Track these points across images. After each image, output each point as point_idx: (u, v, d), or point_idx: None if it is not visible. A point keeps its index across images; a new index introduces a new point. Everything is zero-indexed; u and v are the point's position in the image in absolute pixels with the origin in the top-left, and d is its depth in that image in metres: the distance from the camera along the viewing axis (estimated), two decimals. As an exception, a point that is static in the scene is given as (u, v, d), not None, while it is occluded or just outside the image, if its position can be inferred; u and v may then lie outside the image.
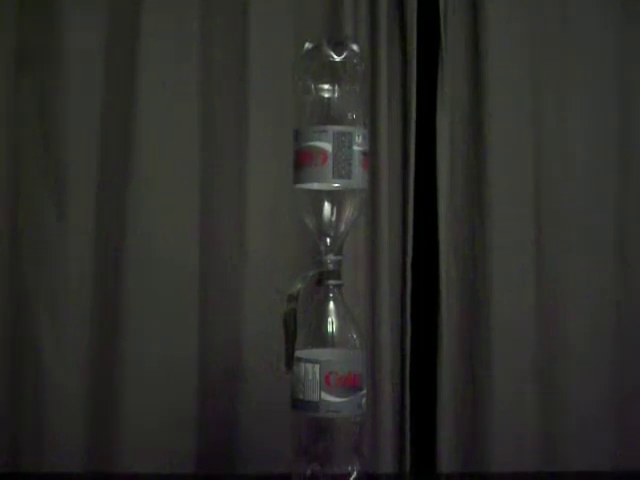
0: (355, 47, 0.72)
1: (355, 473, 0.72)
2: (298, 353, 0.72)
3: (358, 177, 0.70)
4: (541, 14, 1.44)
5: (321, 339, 0.73)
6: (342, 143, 0.69)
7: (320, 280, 0.73)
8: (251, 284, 1.39)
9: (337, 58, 0.71)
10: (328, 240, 0.73)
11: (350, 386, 0.70)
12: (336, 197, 0.71)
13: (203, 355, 1.40)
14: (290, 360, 0.74)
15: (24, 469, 1.35)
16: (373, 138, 1.37)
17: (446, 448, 1.40)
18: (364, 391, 0.73)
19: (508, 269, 1.41)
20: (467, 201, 1.43)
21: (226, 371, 1.39)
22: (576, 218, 1.44)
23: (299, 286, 0.74)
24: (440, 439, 1.41)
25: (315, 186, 0.70)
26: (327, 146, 0.69)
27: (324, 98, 0.71)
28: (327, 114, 0.70)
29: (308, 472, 0.71)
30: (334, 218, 0.72)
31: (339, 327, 0.73)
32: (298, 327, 0.75)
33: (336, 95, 0.71)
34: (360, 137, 0.70)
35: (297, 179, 0.71)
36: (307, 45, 0.71)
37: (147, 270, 1.38)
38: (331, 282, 0.73)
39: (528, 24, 1.44)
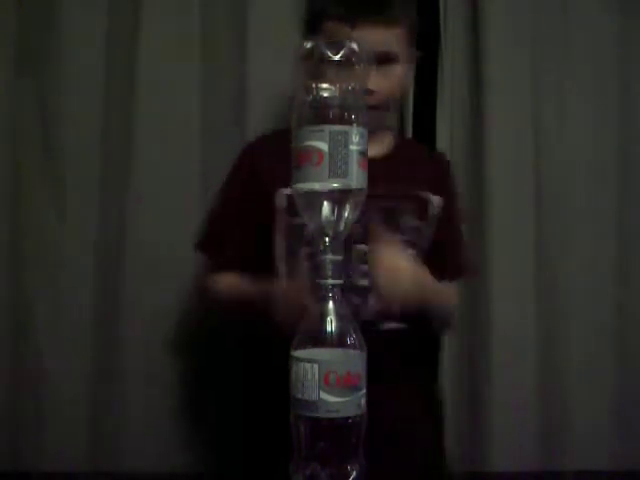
0: (354, 46, 0.71)
1: (355, 473, 0.71)
2: (297, 353, 0.71)
3: (355, 177, 0.69)
4: (541, 14, 1.44)
5: (320, 339, 0.72)
6: (338, 142, 0.68)
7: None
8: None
9: (335, 57, 0.70)
10: (327, 240, 0.73)
11: (349, 386, 0.70)
12: (334, 197, 0.71)
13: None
14: None
15: (24, 469, 1.35)
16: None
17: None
18: (363, 391, 0.72)
19: (507, 269, 1.41)
20: (466, 201, 1.43)
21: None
22: (576, 219, 1.44)
23: None
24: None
25: (311, 186, 0.70)
26: (323, 145, 0.68)
27: (322, 97, 0.71)
28: (325, 113, 0.70)
29: (308, 472, 0.70)
30: (333, 218, 0.71)
31: (338, 327, 0.73)
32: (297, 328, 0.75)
33: (334, 94, 0.71)
34: (357, 136, 0.70)
35: (295, 179, 0.70)
36: (306, 44, 0.71)
37: (147, 271, 1.38)
38: (330, 282, 0.72)
39: (528, 24, 1.44)
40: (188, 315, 1.39)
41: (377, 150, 1.13)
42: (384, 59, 1.05)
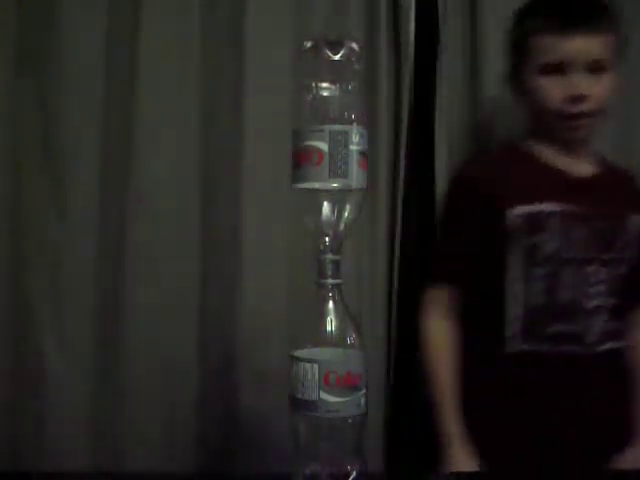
0: (354, 45, 0.71)
1: (355, 473, 0.72)
2: (297, 353, 0.71)
3: (355, 176, 0.69)
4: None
5: (320, 338, 0.72)
6: (338, 142, 0.68)
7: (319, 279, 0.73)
8: (248, 284, 1.39)
9: (335, 57, 0.70)
10: (327, 239, 0.73)
11: (349, 386, 0.70)
12: (334, 197, 0.71)
13: (202, 354, 1.41)
14: None
15: (24, 469, 1.35)
16: (372, 139, 1.37)
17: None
18: (363, 391, 0.72)
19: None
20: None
21: (225, 369, 1.40)
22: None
23: None
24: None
25: (311, 186, 0.70)
26: (323, 145, 0.68)
27: (322, 97, 0.71)
28: (325, 113, 0.70)
29: (308, 472, 0.70)
30: (333, 218, 0.71)
31: (338, 326, 0.73)
32: (297, 328, 0.75)
33: (334, 94, 0.71)
34: (357, 136, 0.70)
35: (294, 179, 0.70)
36: (305, 44, 0.71)
37: (147, 271, 1.38)
38: (330, 281, 0.72)
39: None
40: (188, 314, 1.39)
41: (587, 169, 1.20)
42: (596, 67, 1.11)
